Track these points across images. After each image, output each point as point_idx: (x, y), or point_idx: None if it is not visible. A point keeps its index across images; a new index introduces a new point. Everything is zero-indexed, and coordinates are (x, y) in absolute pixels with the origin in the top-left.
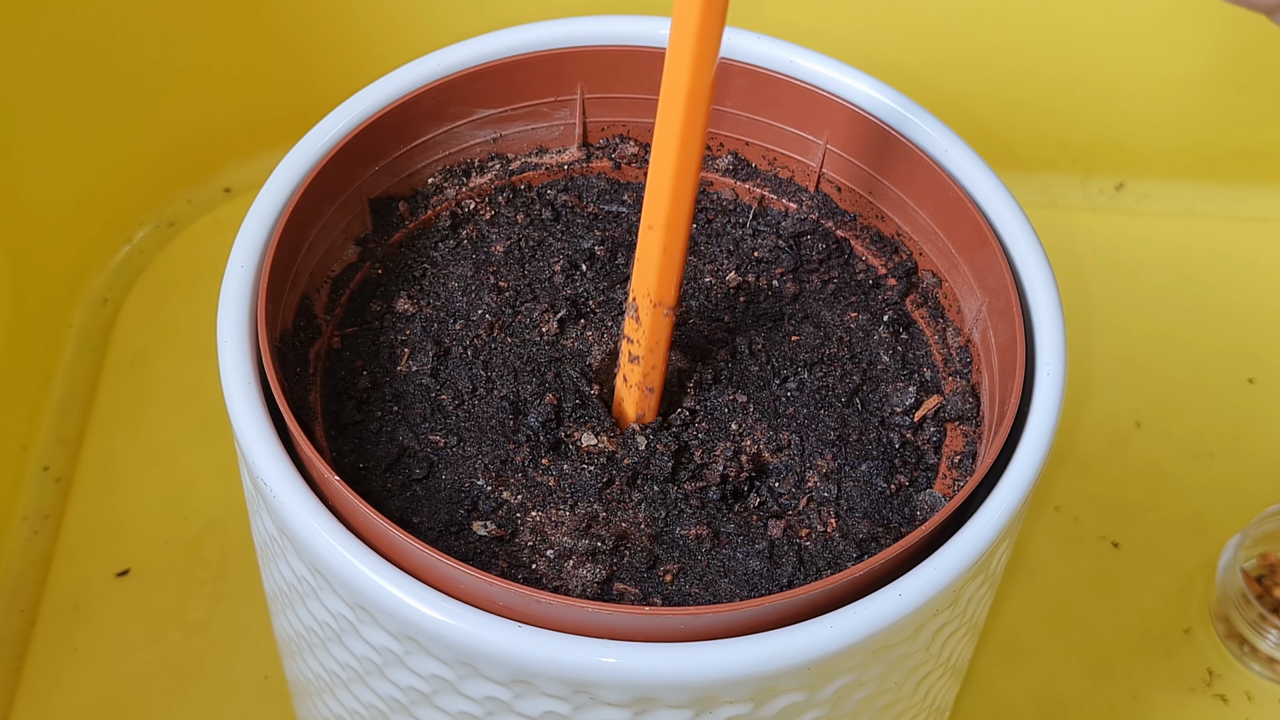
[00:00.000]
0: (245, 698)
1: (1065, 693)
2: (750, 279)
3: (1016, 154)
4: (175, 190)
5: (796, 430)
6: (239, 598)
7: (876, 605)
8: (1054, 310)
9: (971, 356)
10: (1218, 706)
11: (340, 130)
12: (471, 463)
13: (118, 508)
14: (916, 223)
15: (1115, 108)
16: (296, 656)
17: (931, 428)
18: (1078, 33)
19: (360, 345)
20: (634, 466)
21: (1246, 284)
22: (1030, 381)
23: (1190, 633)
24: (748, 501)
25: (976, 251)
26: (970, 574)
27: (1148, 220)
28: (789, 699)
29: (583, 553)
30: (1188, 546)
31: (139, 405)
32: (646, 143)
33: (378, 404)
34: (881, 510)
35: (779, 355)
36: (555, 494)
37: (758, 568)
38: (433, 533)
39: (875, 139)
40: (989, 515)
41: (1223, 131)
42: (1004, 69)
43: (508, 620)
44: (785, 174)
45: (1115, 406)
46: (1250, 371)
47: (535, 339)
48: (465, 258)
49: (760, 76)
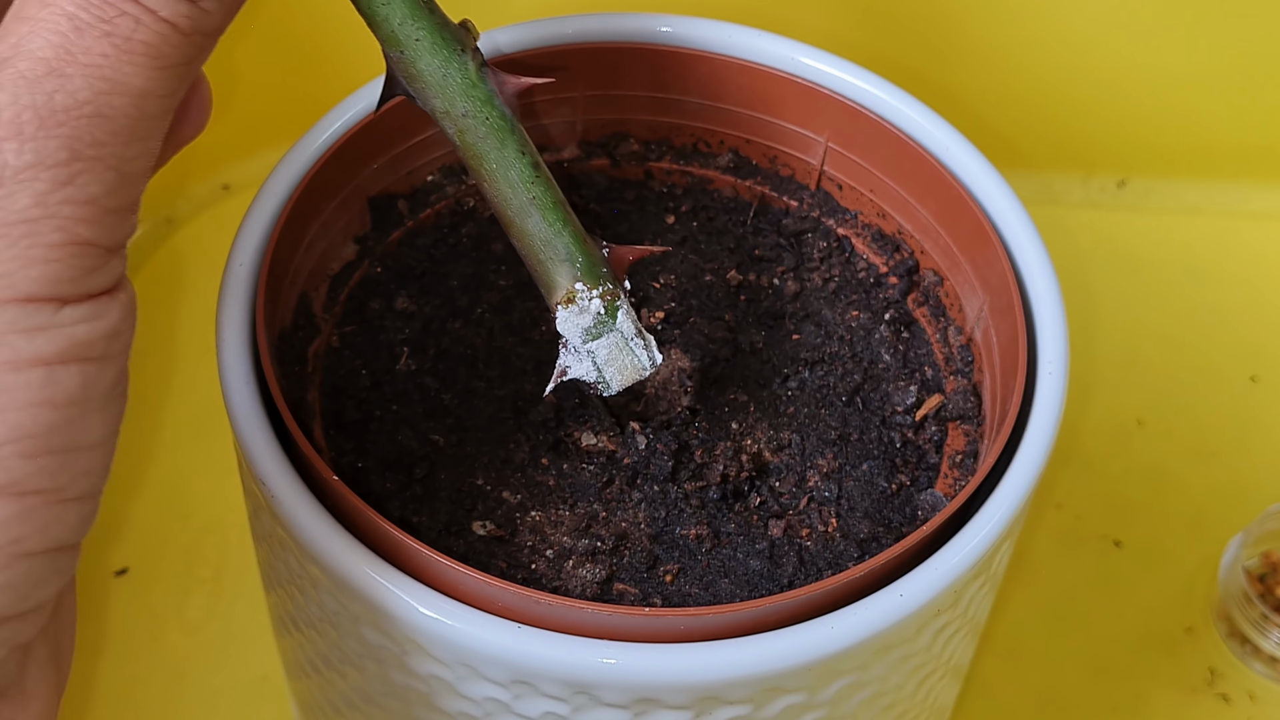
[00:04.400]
0: (244, 697)
1: (1066, 692)
2: (751, 277)
3: (1018, 151)
4: (174, 187)
5: (797, 429)
6: (238, 597)
7: (877, 606)
8: (1056, 309)
9: (973, 355)
10: (1220, 706)
11: (339, 128)
12: (471, 462)
13: (116, 507)
14: (918, 221)
15: (1117, 105)
16: (296, 657)
17: (933, 427)
18: (1079, 30)
19: (359, 344)
20: (634, 466)
21: (1249, 281)
22: (1032, 381)
23: (1192, 632)
24: (748, 501)
25: (978, 250)
26: (972, 574)
27: (1150, 218)
28: (789, 700)
29: (582, 553)
30: (1190, 545)
31: (137, 403)
32: (647, 140)
33: (377, 403)
34: (882, 510)
35: (780, 354)
36: (555, 493)
37: (758, 568)
38: (432, 532)
39: (876, 136)
40: (990, 515)
41: (1225, 129)
42: (1006, 66)
43: (507, 620)
44: (786, 171)
45: (1117, 404)
46: (1253, 369)
47: (535, 338)
48: (465, 256)
49: (761, 74)
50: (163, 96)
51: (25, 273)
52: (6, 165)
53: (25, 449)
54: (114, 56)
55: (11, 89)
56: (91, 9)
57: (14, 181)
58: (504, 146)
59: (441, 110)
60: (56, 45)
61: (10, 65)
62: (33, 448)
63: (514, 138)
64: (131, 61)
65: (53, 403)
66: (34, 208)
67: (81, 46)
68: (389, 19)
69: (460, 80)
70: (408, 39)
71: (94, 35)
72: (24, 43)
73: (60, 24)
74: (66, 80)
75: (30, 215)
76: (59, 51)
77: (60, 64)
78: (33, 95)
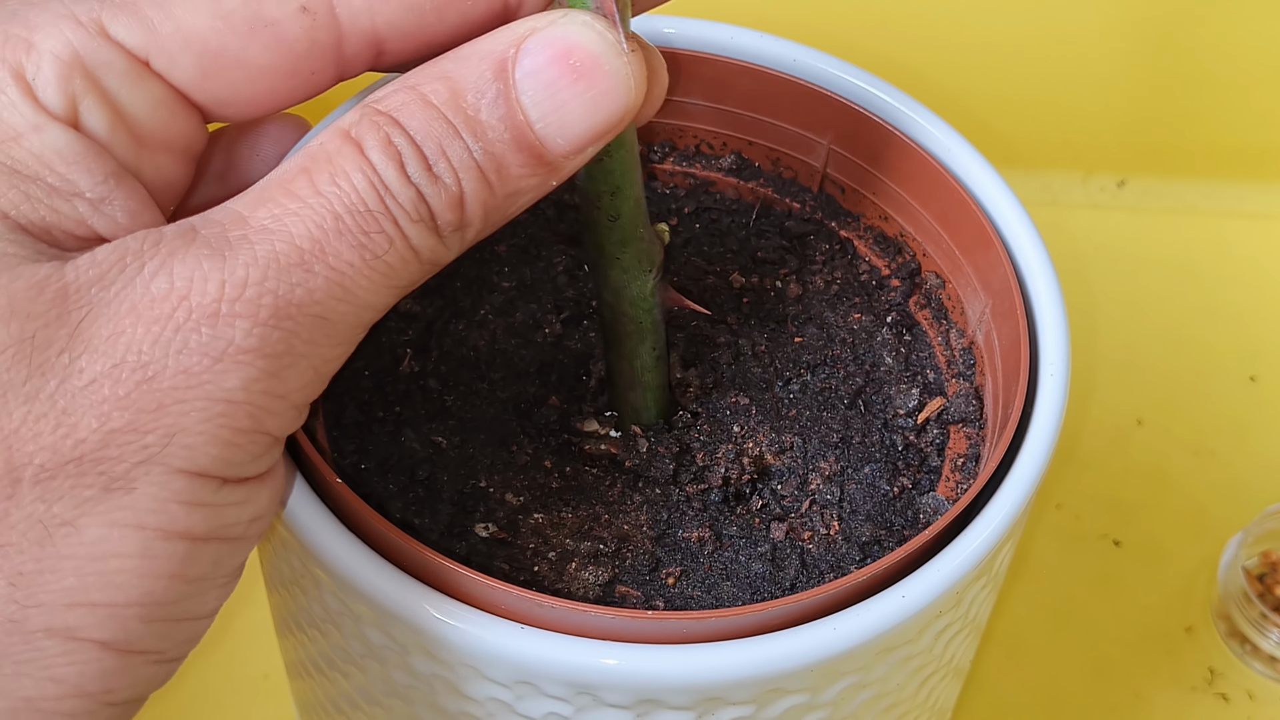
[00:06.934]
0: (244, 697)
1: (1066, 691)
2: (754, 280)
3: (1018, 152)
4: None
5: (799, 432)
6: (238, 596)
7: (880, 607)
8: (1058, 313)
9: (975, 358)
10: (1219, 705)
11: None
12: (474, 464)
13: None
14: (920, 223)
15: (1117, 105)
16: (297, 656)
17: (935, 430)
18: (1078, 30)
19: (362, 345)
20: (636, 468)
21: (1248, 281)
22: (1033, 384)
23: (1192, 631)
24: (750, 504)
25: (980, 253)
26: (974, 576)
27: (1149, 218)
28: (792, 700)
29: (585, 555)
30: (1189, 545)
31: None
32: (650, 142)
33: (380, 404)
34: (884, 513)
35: (782, 356)
36: (557, 495)
37: (760, 570)
38: (434, 534)
39: (879, 139)
40: (992, 518)
41: (1225, 129)
42: (1005, 66)
43: (510, 622)
44: (789, 174)
45: (1117, 404)
46: (1252, 369)
47: (538, 340)
48: (468, 257)
49: (764, 76)
50: (379, 310)
51: (207, 450)
52: (232, 342)
53: (147, 614)
54: (359, 268)
55: (263, 268)
56: (356, 216)
57: (232, 360)
58: (642, 342)
59: (606, 301)
60: (315, 240)
61: (267, 240)
62: (154, 614)
63: (653, 336)
64: (371, 278)
65: (186, 577)
66: (240, 390)
67: (335, 249)
68: (605, 240)
69: (634, 292)
70: (611, 256)
71: (349, 243)
72: (287, 222)
73: (325, 220)
74: (311, 277)
75: (234, 397)
76: (315, 246)
77: (311, 260)
78: (278, 282)
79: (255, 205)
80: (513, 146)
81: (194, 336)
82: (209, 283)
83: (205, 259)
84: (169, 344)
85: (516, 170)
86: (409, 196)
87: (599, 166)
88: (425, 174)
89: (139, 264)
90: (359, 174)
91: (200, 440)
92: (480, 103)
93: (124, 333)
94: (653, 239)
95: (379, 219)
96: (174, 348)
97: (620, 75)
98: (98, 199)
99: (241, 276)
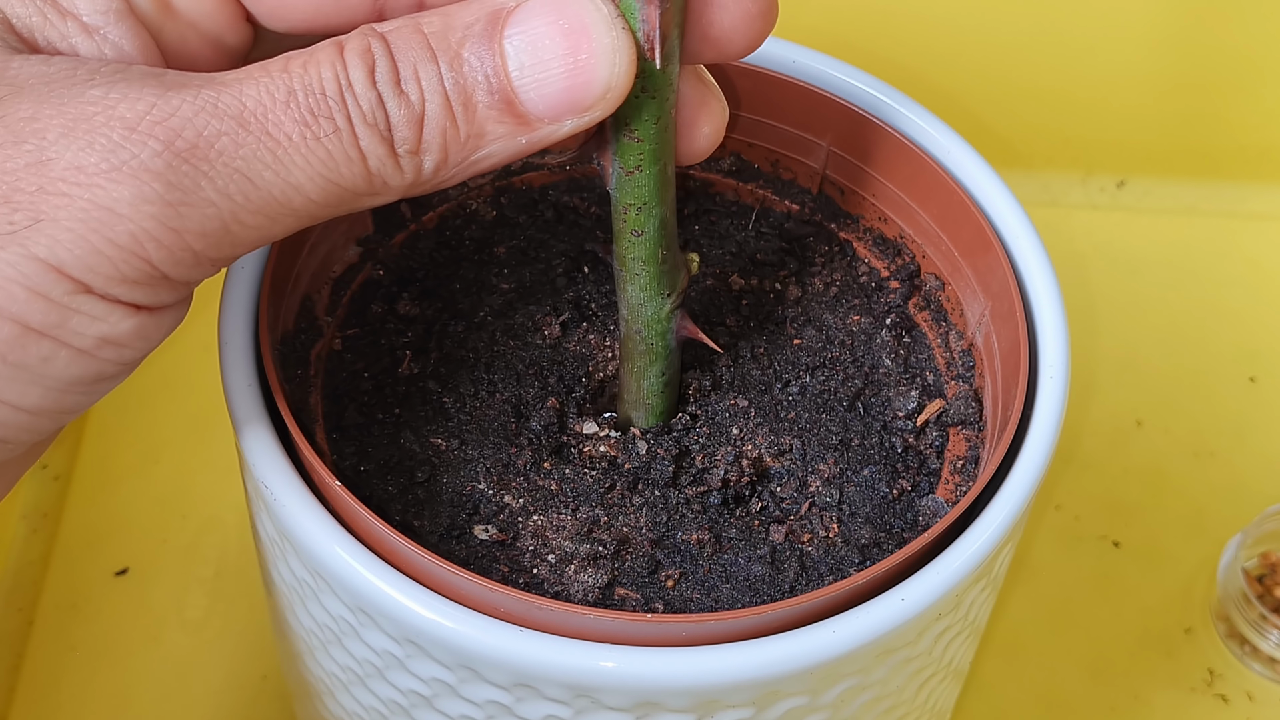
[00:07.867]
0: (244, 697)
1: (1066, 693)
2: (753, 282)
3: (1017, 152)
4: None
5: (798, 435)
6: (238, 597)
7: (879, 610)
8: (1058, 315)
9: (974, 360)
10: (1219, 706)
11: None
12: (473, 466)
13: (116, 506)
14: (919, 225)
15: (1116, 105)
16: (297, 658)
17: (934, 432)
18: (1078, 30)
19: (362, 347)
20: (635, 470)
21: (1248, 282)
22: (1033, 386)
23: (1191, 632)
24: (749, 506)
25: (979, 255)
26: (973, 578)
27: (1149, 218)
28: (791, 703)
29: (584, 557)
30: (1188, 546)
31: (137, 403)
32: None
33: (379, 406)
34: (884, 515)
35: (781, 359)
36: (557, 498)
37: (760, 573)
38: (434, 536)
39: (878, 140)
40: (992, 520)
41: (1224, 129)
42: (1004, 67)
43: (509, 624)
44: (788, 175)
45: (1116, 405)
46: (1251, 370)
47: (537, 342)
48: (467, 259)
49: (762, 77)
50: (314, 204)
51: (70, 248)
52: (136, 157)
53: None
54: (296, 143)
55: (196, 107)
56: (310, 96)
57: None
58: (651, 364)
59: (623, 315)
60: (260, 103)
61: (216, 89)
62: None
63: (662, 361)
64: (307, 158)
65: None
66: (126, 204)
67: (276, 118)
68: (627, 253)
69: (649, 313)
70: (631, 270)
71: (292, 116)
72: (244, 84)
73: (278, 91)
74: (244, 132)
75: (119, 209)
76: (259, 107)
77: (250, 118)
78: (207, 123)
79: (232, 72)
80: (485, 87)
81: (101, 139)
82: (139, 103)
83: (150, 89)
84: (75, 139)
85: (484, 110)
86: (369, 99)
87: (629, 179)
88: (392, 85)
89: (89, 77)
90: (328, 66)
91: (67, 236)
92: (465, 39)
93: (39, 118)
94: (678, 265)
95: (331, 106)
96: (78, 144)
97: (605, 48)
98: (91, 26)
99: (173, 107)
